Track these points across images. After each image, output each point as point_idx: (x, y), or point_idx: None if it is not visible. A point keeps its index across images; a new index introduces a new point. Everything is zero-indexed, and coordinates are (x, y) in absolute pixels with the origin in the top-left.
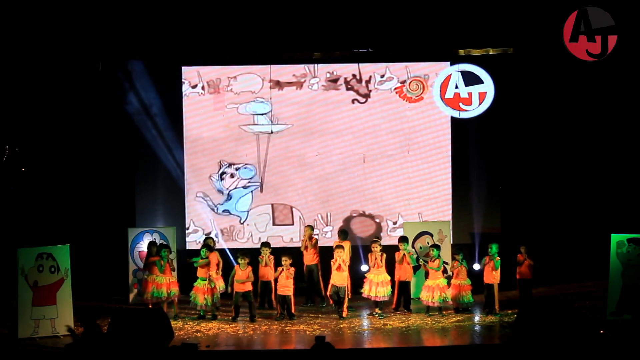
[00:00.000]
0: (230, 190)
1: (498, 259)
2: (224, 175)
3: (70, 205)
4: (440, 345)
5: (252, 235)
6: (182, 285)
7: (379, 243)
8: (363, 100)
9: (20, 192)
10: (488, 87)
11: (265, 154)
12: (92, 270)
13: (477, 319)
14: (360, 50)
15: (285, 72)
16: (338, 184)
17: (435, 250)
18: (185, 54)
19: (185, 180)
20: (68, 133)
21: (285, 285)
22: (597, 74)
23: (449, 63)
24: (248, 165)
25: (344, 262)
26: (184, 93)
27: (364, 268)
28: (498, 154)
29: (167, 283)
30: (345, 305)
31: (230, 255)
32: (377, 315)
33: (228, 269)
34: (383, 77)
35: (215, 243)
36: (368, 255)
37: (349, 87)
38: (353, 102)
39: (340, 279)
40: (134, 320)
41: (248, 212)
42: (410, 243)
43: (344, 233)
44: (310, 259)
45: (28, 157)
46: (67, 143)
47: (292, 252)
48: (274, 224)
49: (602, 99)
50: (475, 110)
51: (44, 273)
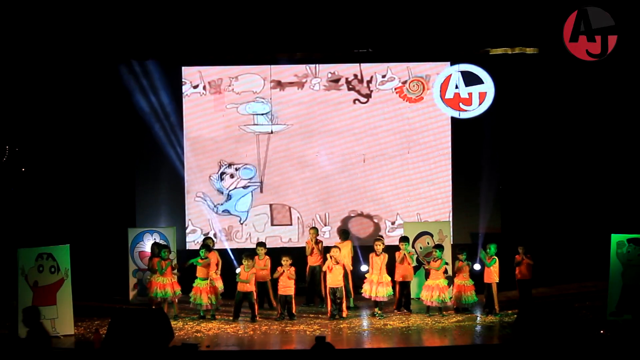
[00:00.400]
0: (230, 191)
1: (493, 258)
2: (224, 176)
3: (70, 205)
4: (440, 346)
5: (250, 236)
6: (182, 286)
7: (382, 242)
8: (364, 101)
9: (20, 192)
10: (488, 87)
11: (265, 154)
12: (92, 270)
13: (477, 319)
14: (361, 51)
15: (287, 72)
16: (338, 184)
17: (439, 251)
18: (186, 54)
19: (186, 180)
20: (68, 133)
21: (287, 285)
22: (597, 74)
23: (449, 63)
24: (248, 166)
25: (339, 262)
26: (186, 93)
27: (364, 268)
28: (498, 154)
29: (170, 283)
30: (344, 305)
31: (232, 256)
32: (377, 316)
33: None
34: (384, 77)
35: (215, 243)
36: (369, 255)
37: (351, 87)
38: (354, 102)
39: (335, 280)
40: (134, 321)
41: (248, 212)
42: (411, 243)
43: (345, 233)
44: (315, 260)
45: (28, 157)
46: (67, 143)
47: (291, 252)
48: (272, 224)
49: (602, 99)
50: (476, 111)
51: (44, 273)
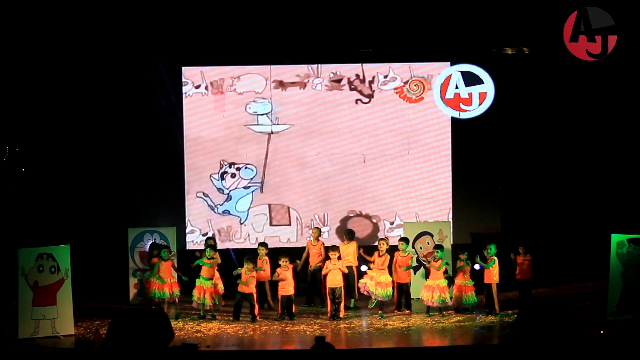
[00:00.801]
0: (231, 191)
1: (493, 259)
2: (225, 175)
3: (70, 205)
4: (441, 346)
5: (249, 236)
6: (182, 286)
7: (387, 242)
8: (366, 101)
9: (20, 192)
10: (488, 87)
11: (266, 154)
12: (92, 270)
13: (477, 319)
14: (361, 51)
15: (289, 72)
16: (338, 184)
17: (440, 252)
18: (187, 54)
19: (186, 180)
20: (68, 133)
21: (289, 285)
22: (597, 74)
23: (449, 63)
24: (249, 166)
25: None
26: (188, 93)
27: (363, 268)
28: (498, 154)
29: (168, 284)
30: (342, 306)
31: (234, 256)
32: (377, 316)
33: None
34: (386, 77)
35: (216, 243)
36: (374, 253)
37: (353, 87)
38: (356, 102)
39: (335, 280)
40: (134, 321)
41: (248, 212)
42: (411, 243)
43: (351, 233)
44: (316, 260)
45: (28, 157)
46: (67, 143)
47: (289, 252)
48: (271, 225)
49: (602, 99)
50: (476, 111)
51: (44, 273)
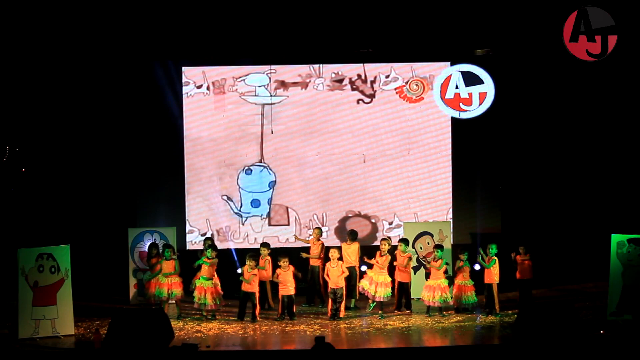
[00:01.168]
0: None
1: (493, 259)
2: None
3: (71, 206)
4: (441, 346)
5: (247, 236)
6: (184, 286)
7: (389, 242)
8: (368, 101)
9: (20, 192)
10: (488, 87)
11: (261, 154)
12: (92, 270)
13: (477, 320)
14: (361, 51)
15: (291, 72)
16: (338, 185)
17: (439, 251)
18: (189, 54)
19: (186, 181)
20: (68, 133)
21: (288, 286)
22: (597, 74)
23: (450, 63)
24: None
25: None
26: (189, 93)
27: (363, 268)
28: (498, 154)
29: (168, 283)
30: (343, 306)
31: (235, 256)
32: (377, 316)
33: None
34: (388, 77)
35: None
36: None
37: (354, 87)
38: (358, 102)
39: (335, 281)
40: (134, 321)
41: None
42: (411, 243)
43: (354, 234)
44: (315, 260)
45: (28, 157)
46: (67, 143)
47: (289, 252)
48: (270, 225)
49: (602, 99)
50: (476, 111)
51: (45, 273)
